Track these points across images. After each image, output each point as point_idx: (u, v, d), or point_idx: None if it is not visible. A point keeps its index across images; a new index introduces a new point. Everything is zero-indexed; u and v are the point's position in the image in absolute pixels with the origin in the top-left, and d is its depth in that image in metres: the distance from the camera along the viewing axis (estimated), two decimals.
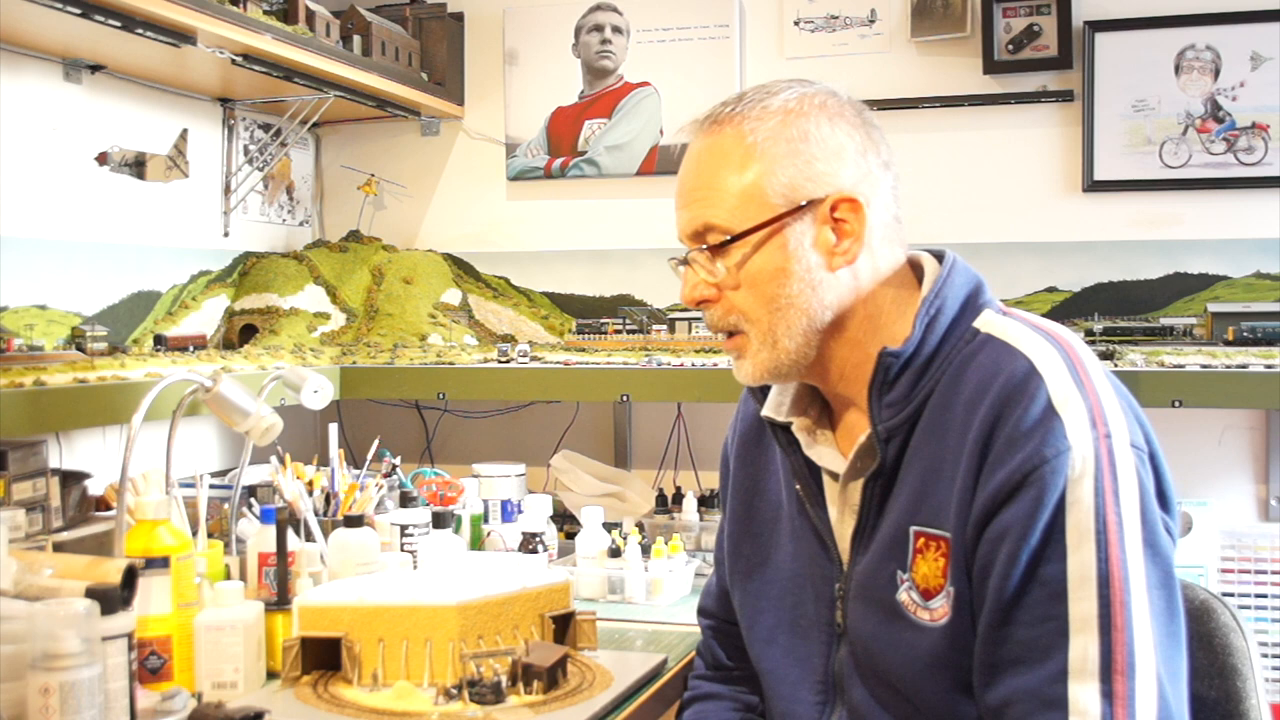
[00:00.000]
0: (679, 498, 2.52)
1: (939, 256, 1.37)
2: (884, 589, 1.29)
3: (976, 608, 1.22)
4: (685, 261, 1.35)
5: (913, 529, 1.27)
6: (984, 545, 1.20)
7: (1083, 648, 1.14)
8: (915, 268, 1.37)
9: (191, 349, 2.50)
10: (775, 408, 1.41)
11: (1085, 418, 1.18)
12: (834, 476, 1.37)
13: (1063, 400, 1.19)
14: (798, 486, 1.40)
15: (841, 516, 1.36)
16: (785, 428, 1.40)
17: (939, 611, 1.25)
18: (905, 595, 1.27)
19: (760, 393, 1.44)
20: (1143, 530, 1.17)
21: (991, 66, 2.76)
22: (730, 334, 1.35)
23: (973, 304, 1.32)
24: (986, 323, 1.30)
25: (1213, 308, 2.55)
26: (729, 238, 1.30)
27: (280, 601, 1.70)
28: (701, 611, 1.63)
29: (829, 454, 1.37)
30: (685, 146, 1.37)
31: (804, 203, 1.29)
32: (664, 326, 2.81)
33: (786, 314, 1.31)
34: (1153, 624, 1.15)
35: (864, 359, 1.32)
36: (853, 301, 1.32)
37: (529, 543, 2.22)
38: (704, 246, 1.32)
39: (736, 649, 1.55)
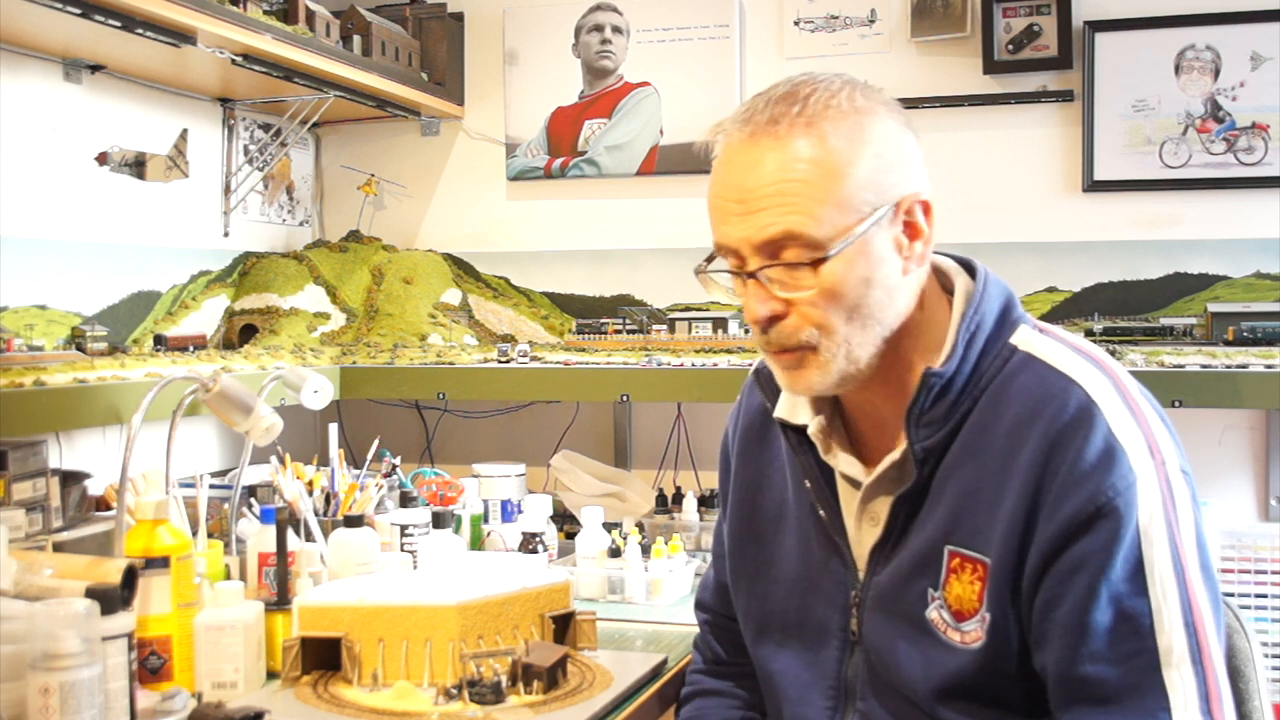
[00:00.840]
0: (679, 498, 2.52)
1: (963, 264, 1.35)
2: (912, 605, 1.28)
3: (1034, 639, 1.21)
4: (751, 275, 1.25)
5: (947, 549, 1.26)
6: (1053, 578, 1.19)
7: (1180, 682, 1.14)
8: (938, 274, 1.34)
9: (191, 349, 2.50)
10: (789, 410, 1.39)
11: (1144, 447, 1.19)
12: (850, 482, 1.35)
13: (1122, 431, 1.19)
14: (808, 484, 1.39)
15: (860, 524, 1.34)
16: (798, 429, 1.38)
17: (972, 635, 1.24)
18: (936, 613, 1.27)
19: (770, 389, 1.41)
20: (1199, 555, 1.18)
21: (991, 66, 2.76)
22: (796, 348, 1.27)
23: (1007, 319, 1.30)
24: (1025, 341, 1.28)
25: (1213, 308, 2.55)
26: (815, 249, 1.20)
27: (280, 601, 1.70)
28: (699, 606, 1.63)
29: (847, 460, 1.35)
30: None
31: (886, 205, 1.24)
32: (664, 326, 2.81)
33: (866, 325, 1.24)
34: (1221, 648, 1.17)
35: (903, 370, 1.29)
36: (909, 310, 1.29)
37: (529, 543, 2.22)
38: (776, 262, 1.22)
39: (734, 644, 1.55)
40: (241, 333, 2.81)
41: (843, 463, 1.36)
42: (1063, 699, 1.20)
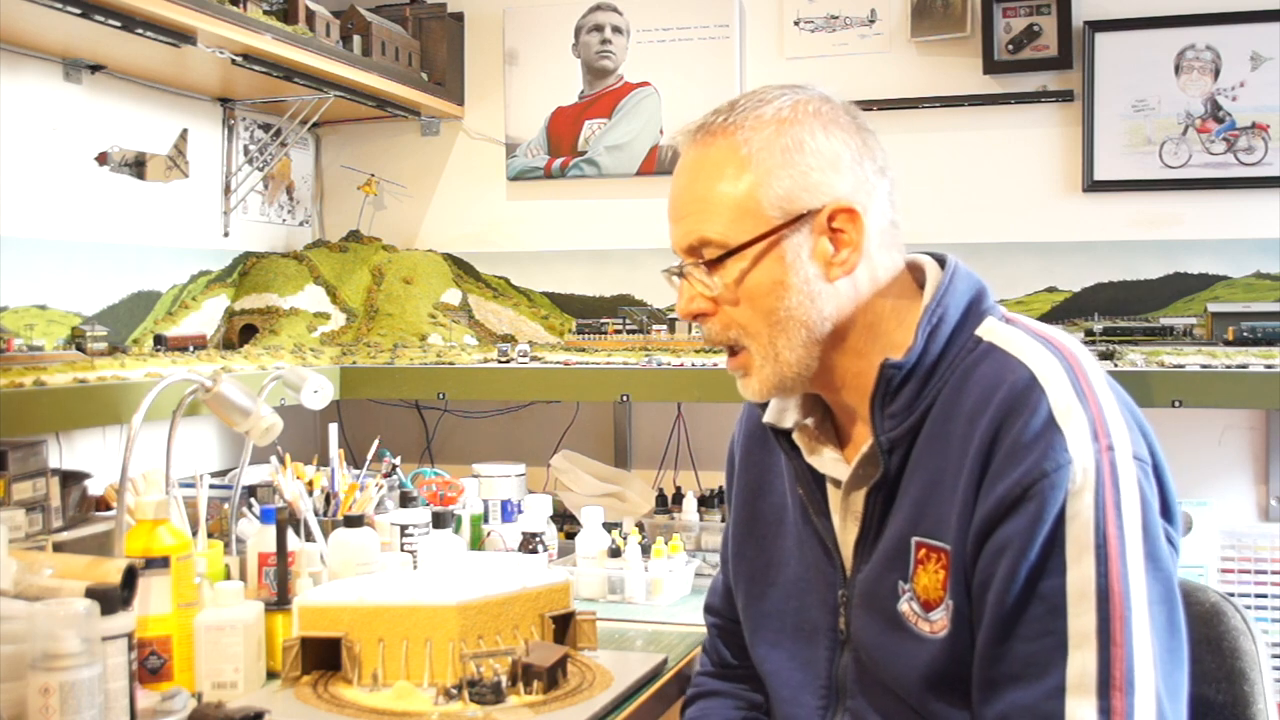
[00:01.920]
0: (679, 498, 2.52)
1: (940, 260, 1.35)
2: (886, 598, 1.29)
3: (975, 622, 1.21)
4: (680, 273, 1.34)
5: (914, 539, 1.26)
6: (984, 559, 1.19)
7: (1081, 663, 1.13)
8: (915, 272, 1.35)
9: (191, 349, 2.50)
10: (777, 414, 1.41)
11: (1087, 429, 1.17)
12: (836, 484, 1.36)
13: (1064, 412, 1.18)
14: (800, 492, 1.40)
15: (844, 524, 1.35)
16: (787, 433, 1.40)
17: (939, 624, 1.24)
18: (906, 606, 1.27)
19: None
20: (1144, 544, 1.16)
21: (991, 66, 2.76)
22: (732, 352, 1.34)
23: (975, 311, 1.31)
24: (989, 331, 1.29)
25: (1213, 308, 2.55)
26: (724, 253, 1.28)
27: (280, 601, 1.70)
28: (708, 609, 1.63)
29: (832, 461, 1.37)
30: (677, 156, 1.36)
31: (801, 214, 1.27)
32: (664, 326, 2.81)
33: (786, 327, 1.29)
34: (1153, 640, 1.14)
35: (866, 368, 1.30)
36: (852, 311, 1.31)
37: (529, 543, 2.22)
38: (700, 261, 1.30)
39: (742, 648, 1.55)
40: (241, 333, 2.81)
41: (826, 462, 1.37)
42: (981, 676, 1.20)
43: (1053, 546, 1.15)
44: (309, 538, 1.94)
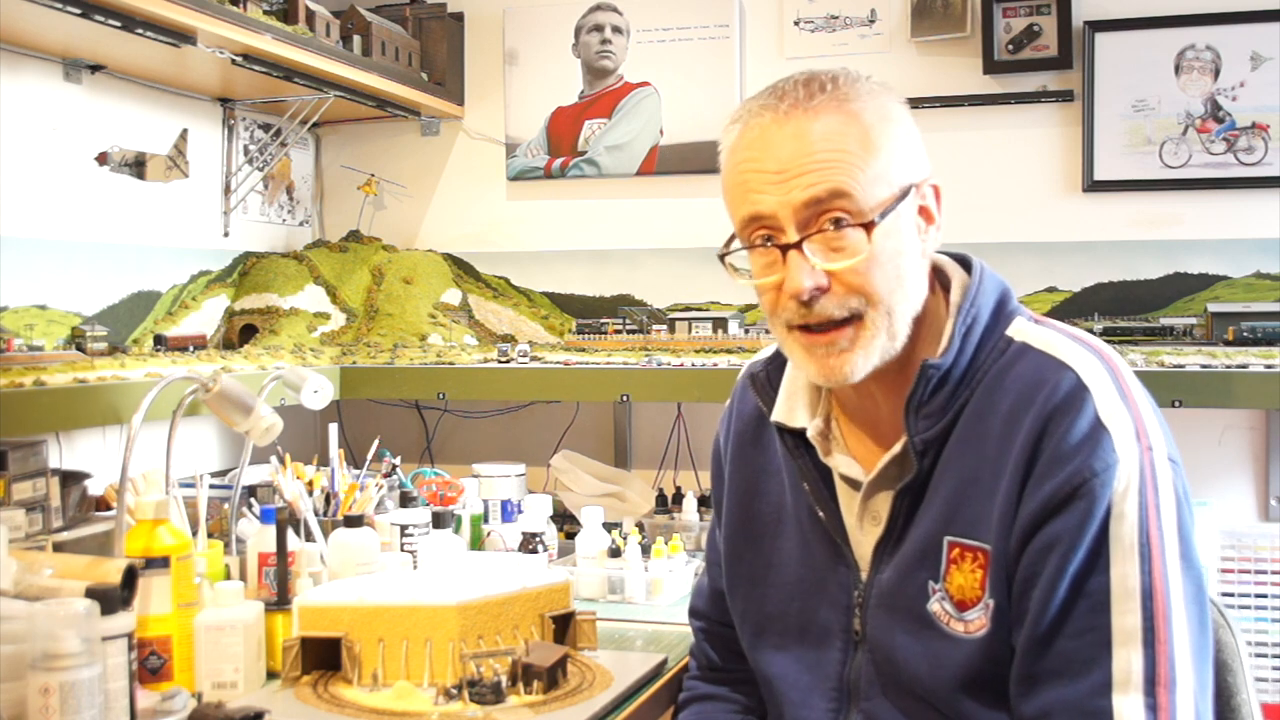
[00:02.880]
0: (679, 498, 2.52)
1: (960, 260, 1.35)
2: (914, 599, 1.28)
3: (1015, 619, 1.22)
4: (794, 246, 1.23)
5: (946, 539, 1.26)
6: (1029, 556, 1.20)
7: (1126, 660, 1.14)
8: (936, 272, 1.35)
9: (191, 349, 2.50)
10: (786, 414, 1.39)
11: (1131, 431, 1.19)
12: (849, 483, 1.35)
13: (1109, 414, 1.19)
14: (806, 488, 1.39)
15: (861, 524, 1.34)
16: (794, 432, 1.39)
17: (975, 624, 1.24)
18: (938, 606, 1.27)
19: (767, 393, 1.43)
20: (1180, 544, 1.18)
21: (991, 66, 2.76)
22: (839, 325, 1.25)
23: (1003, 312, 1.31)
24: (1021, 331, 1.29)
25: (1213, 308, 2.55)
26: (868, 220, 1.22)
27: (280, 601, 1.70)
28: (693, 613, 1.63)
29: (846, 461, 1.36)
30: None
31: (910, 185, 1.27)
32: (664, 326, 2.81)
33: (904, 298, 1.26)
34: (1190, 637, 1.15)
35: (902, 362, 1.29)
36: (925, 296, 1.31)
37: (529, 543, 2.22)
38: (836, 222, 1.22)
39: (730, 650, 1.55)
40: (241, 333, 2.81)
41: (841, 463, 1.36)
42: (1021, 672, 1.21)
43: (1100, 545, 1.16)
44: (309, 538, 1.94)
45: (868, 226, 1.22)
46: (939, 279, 1.35)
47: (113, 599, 1.33)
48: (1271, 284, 2.62)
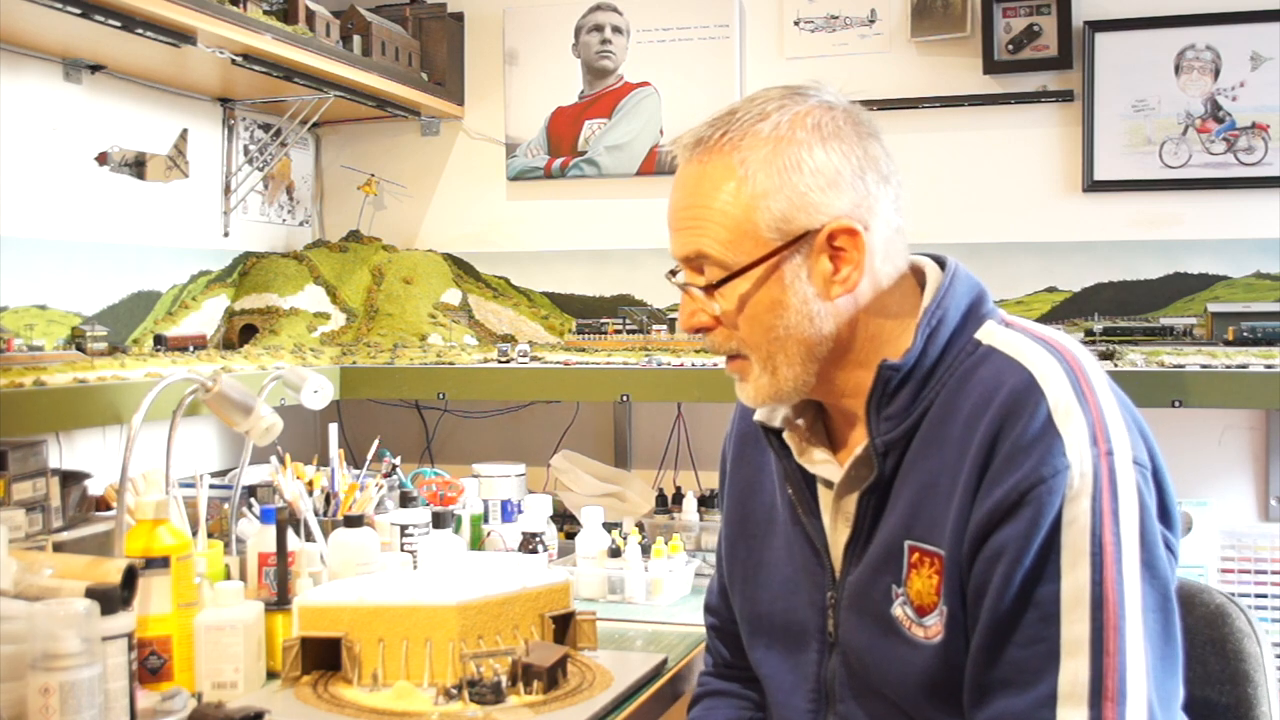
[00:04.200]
0: (679, 498, 2.52)
1: (940, 262, 1.34)
2: (879, 602, 1.28)
3: (970, 627, 1.21)
4: (682, 286, 1.33)
5: (907, 543, 1.26)
6: (979, 564, 1.19)
7: (1073, 672, 1.12)
8: (917, 274, 1.34)
9: (191, 349, 2.50)
10: (768, 413, 1.40)
11: (1086, 434, 1.16)
12: (828, 485, 1.36)
13: (1063, 414, 1.17)
14: (790, 491, 1.40)
15: (835, 525, 1.35)
16: (777, 432, 1.39)
17: (933, 629, 1.23)
18: (900, 610, 1.26)
19: None
20: (1141, 551, 1.14)
21: (991, 66, 2.76)
22: (732, 357, 1.34)
23: (975, 314, 1.30)
24: (988, 334, 1.27)
25: (1213, 308, 2.55)
26: (723, 277, 1.27)
27: (280, 601, 1.70)
28: (707, 609, 1.63)
29: (822, 462, 1.36)
30: (676, 158, 1.35)
31: (799, 235, 1.25)
32: (664, 326, 2.81)
33: (785, 345, 1.28)
34: (1146, 648, 1.12)
35: (868, 376, 1.29)
36: (853, 325, 1.30)
37: (529, 543, 2.22)
38: (699, 284, 1.30)
39: (739, 647, 1.55)
40: (241, 333, 2.81)
41: (816, 464, 1.36)
42: (973, 680, 1.20)
43: (1048, 553, 1.14)
44: (309, 538, 1.94)
45: (726, 283, 1.28)
46: (920, 281, 1.34)
47: (113, 599, 1.33)
48: (1271, 284, 2.62)
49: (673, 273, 1.35)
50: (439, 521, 2.06)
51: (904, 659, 1.25)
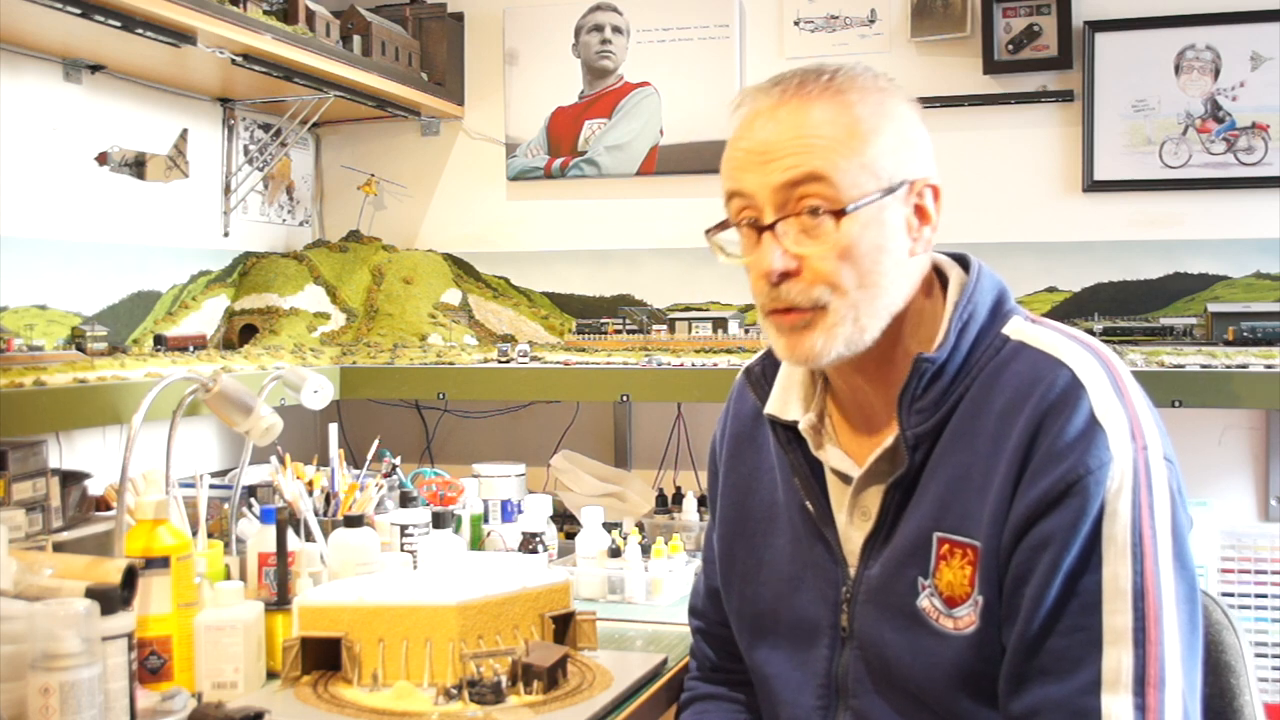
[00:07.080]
0: (679, 498, 2.52)
1: (959, 260, 1.36)
2: (903, 595, 1.28)
3: (1005, 617, 1.22)
4: (768, 228, 1.24)
5: (936, 535, 1.26)
6: (1021, 554, 1.20)
7: (1116, 660, 1.14)
8: (936, 270, 1.36)
9: (191, 349, 2.50)
10: (780, 407, 1.40)
11: (1126, 430, 1.19)
12: (841, 478, 1.36)
13: (1105, 412, 1.19)
14: (797, 482, 1.39)
15: (850, 519, 1.35)
16: (788, 426, 1.39)
17: (964, 620, 1.24)
18: (927, 602, 1.27)
19: (762, 387, 1.43)
20: (1173, 544, 1.18)
21: (991, 66, 2.76)
22: (805, 310, 1.26)
23: (1000, 310, 1.31)
24: (1017, 330, 1.29)
25: (1213, 308, 2.55)
26: (843, 208, 1.22)
27: (280, 601, 1.70)
28: (692, 613, 1.63)
29: (838, 456, 1.36)
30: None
31: (900, 182, 1.27)
32: (664, 326, 2.81)
33: (876, 295, 1.26)
34: (1180, 638, 1.16)
35: (897, 358, 1.30)
36: (911, 294, 1.30)
37: (529, 543, 2.22)
38: (810, 209, 1.22)
39: (727, 650, 1.55)
40: (241, 333, 2.81)
41: (833, 458, 1.36)
42: (1011, 670, 1.21)
43: (1093, 544, 1.16)
44: (309, 538, 1.94)
45: (840, 214, 1.23)
46: (938, 278, 1.35)
47: (113, 599, 1.33)
48: (1271, 284, 2.62)
49: (722, 225, 1.31)
50: (439, 521, 2.06)
51: (931, 651, 1.26)
